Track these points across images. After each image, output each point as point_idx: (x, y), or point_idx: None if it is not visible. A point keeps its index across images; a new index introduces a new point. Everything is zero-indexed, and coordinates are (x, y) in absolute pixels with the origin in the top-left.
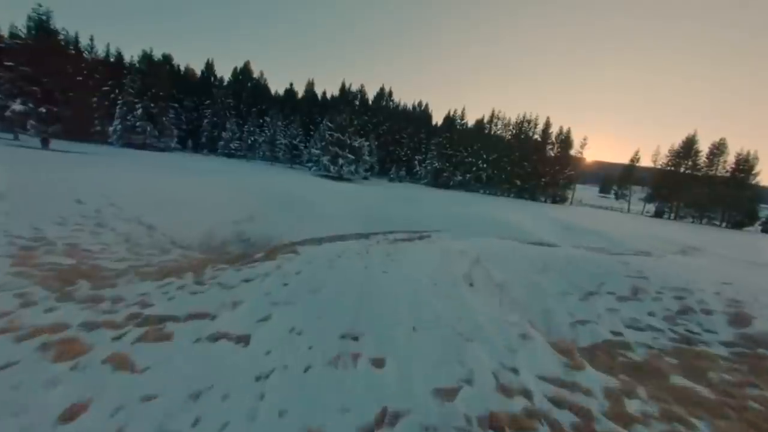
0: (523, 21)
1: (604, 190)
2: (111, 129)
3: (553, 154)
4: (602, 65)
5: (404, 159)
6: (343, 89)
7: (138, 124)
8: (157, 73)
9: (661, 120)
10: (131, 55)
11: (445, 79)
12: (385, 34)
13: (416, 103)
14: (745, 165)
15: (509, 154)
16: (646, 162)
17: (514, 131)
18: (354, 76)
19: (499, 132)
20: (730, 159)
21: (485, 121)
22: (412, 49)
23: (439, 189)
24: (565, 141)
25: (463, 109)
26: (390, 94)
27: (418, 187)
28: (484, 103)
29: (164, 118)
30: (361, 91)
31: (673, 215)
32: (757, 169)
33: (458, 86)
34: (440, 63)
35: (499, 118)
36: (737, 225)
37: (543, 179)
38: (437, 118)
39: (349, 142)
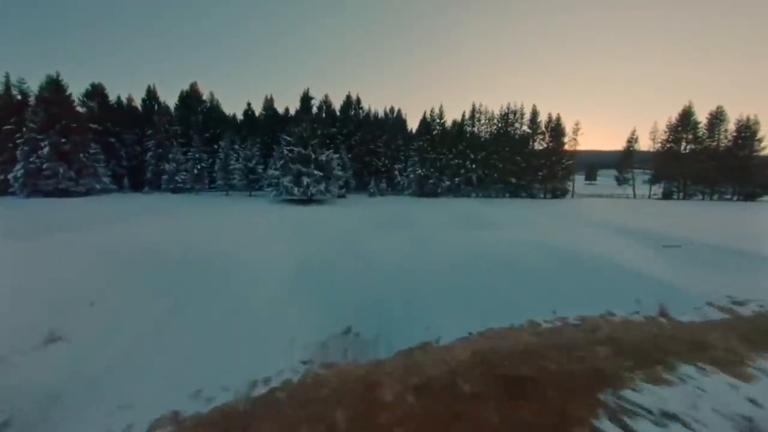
0: (499, 15)
1: (590, 177)
2: (11, 176)
3: (545, 145)
4: (574, 56)
5: (383, 170)
6: (305, 98)
7: (45, 165)
8: (67, 100)
9: (643, 106)
10: (39, 83)
11: (416, 81)
12: (346, 40)
13: (388, 109)
14: (747, 131)
15: (498, 150)
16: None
17: (499, 125)
18: (317, 87)
19: (483, 128)
20: (731, 128)
21: (467, 117)
22: (376, 53)
23: (428, 198)
24: (556, 129)
25: (441, 108)
26: (358, 101)
27: (403, 199)
28: (461, 102)
29: (82, 155)
30: (326, 101)
31: (681, 194)
32: (760, 134)
33: (431, 88)
34: (409, 65)
35: (481, 113)
36: (749, 197)
37: (540, 173)
38: (413, 123)
39: (314, 156)
